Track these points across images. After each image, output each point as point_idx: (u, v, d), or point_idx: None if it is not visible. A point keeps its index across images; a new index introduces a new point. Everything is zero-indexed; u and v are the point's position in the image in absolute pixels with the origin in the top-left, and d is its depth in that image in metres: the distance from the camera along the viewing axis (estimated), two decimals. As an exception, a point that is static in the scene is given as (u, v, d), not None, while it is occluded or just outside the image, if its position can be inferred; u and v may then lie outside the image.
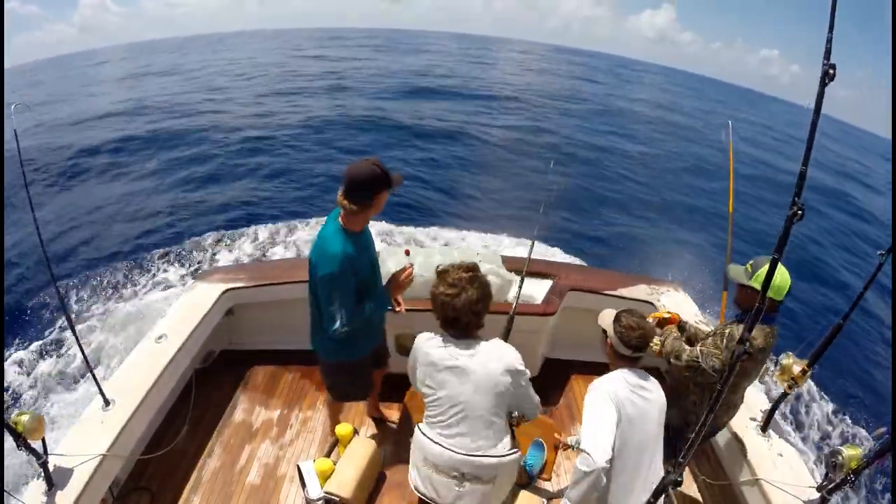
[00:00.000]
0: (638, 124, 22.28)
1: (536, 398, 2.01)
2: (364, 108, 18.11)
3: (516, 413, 2.02)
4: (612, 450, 1.71)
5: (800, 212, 1.04)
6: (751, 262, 2.06)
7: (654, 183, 13.17)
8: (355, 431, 2.59)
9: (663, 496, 2.03)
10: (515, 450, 1.92)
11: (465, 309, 1.80)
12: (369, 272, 2.18)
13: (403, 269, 2.20)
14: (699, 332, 2.33)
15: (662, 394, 1.94)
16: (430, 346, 1.89)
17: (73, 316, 2.41)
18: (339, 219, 2.04)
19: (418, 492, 1.94)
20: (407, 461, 2.07)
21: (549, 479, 2.71)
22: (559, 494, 2.46)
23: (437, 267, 1.99)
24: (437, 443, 1.84)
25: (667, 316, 2.42)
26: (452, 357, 1.82)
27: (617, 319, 1.95)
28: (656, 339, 2.25)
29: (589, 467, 1.68)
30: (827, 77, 1.08)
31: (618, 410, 1.79)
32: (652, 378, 1.95)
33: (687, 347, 2.12)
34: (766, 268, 1.97)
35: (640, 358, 1.95)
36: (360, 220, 2.04)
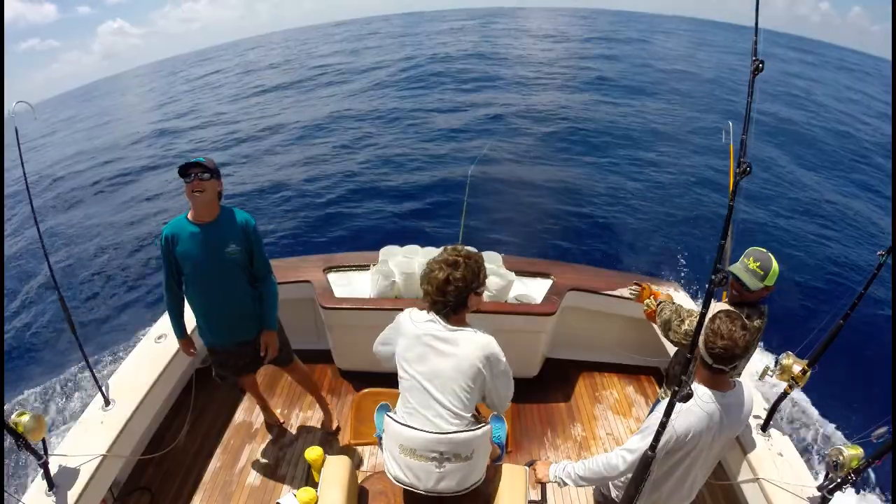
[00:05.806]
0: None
1: (510, 392, 1.95)
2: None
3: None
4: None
5: (748, 168, 1.21)
6: (749, 258, 2.01)
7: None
8: (325, 452, 2.41)
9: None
10: (485, 423, 1.90)
11: (453, 287, 1.76)
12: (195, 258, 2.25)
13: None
14: (681, 309, 2.36)
15: (743, 414, 1.75)
16: (416, 318, 1.87)
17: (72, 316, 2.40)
18: None
19: (399, 481, 1.89)
20: (378, 467, 2.04)
21: (512, 451, 2.80)
22: (536, 459, 2.45)
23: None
24: (412, 427, 1.81)
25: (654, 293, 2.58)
26: (437, 333, 1.81)
27: (713, 318, 1.60)
28: (649, 301, 2.47)
29: (625, 463, 1.70)
30: (757, 70, 1.30)
31: (669, 442, 1.64)
32: (745, 398, 1.72)
33: (677, 320, 2.26)
34: (776, 266, 1.98)
35: (725, 372, 1.62)
36: (194, 205, 2.20)
